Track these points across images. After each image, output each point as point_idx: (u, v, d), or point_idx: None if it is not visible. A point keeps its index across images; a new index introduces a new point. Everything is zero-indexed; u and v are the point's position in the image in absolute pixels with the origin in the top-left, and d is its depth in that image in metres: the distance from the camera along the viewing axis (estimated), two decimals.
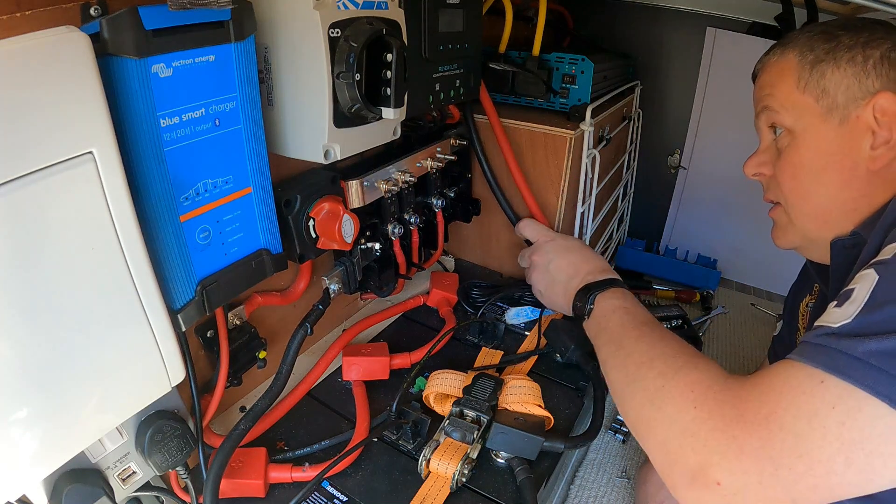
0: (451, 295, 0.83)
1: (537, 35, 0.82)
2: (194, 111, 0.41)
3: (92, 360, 0.38)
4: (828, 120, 0.53)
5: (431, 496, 0.52)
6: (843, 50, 0.53)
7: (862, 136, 0.51)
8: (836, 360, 0.37)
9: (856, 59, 0.52)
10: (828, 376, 0.37)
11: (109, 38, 0.35)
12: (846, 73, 0.52)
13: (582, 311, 0.65)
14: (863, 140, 0.51)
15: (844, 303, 0.40)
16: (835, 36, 0.54)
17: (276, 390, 0.57)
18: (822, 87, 0.53)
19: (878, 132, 0.50)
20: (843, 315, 0.39)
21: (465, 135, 0.81)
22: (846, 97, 0.52)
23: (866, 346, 0.36)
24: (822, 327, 0.40)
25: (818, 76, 0.53)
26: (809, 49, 0.55)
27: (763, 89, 0.59)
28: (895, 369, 0.35)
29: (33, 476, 0.37)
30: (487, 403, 0.59)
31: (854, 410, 0.35)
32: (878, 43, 0.52)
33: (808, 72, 0.54)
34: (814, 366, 0.37)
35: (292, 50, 0.48)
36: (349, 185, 0.62)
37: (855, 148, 0.51)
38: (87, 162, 0.34)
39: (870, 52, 0.52)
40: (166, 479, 0.54)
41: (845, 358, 0.36)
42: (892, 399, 0.34)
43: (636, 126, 1.15)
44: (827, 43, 0.54)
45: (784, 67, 0.57)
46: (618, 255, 1.27)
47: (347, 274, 0.67)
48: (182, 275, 0.44)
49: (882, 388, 0.34)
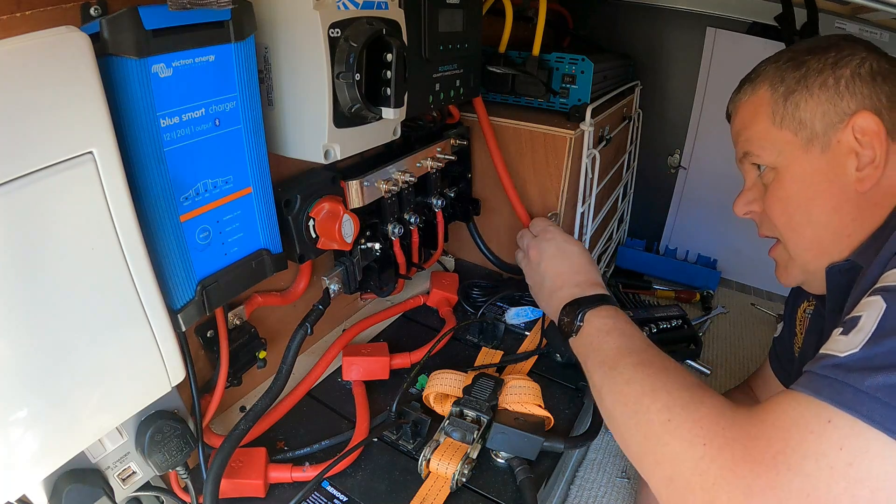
0: (451, 295, 0.83)
1: (537, 35, 0.82)
2: (194, 111, 0.41)
3: (92, 360, 0.38)
4: (809, 150, 0.52)
5: (431, 496, 0.52)
6: (814, 75, 0.52)
7: (846, 160, 0.50)
8: (843, 395, 0.36)
9: (827, 82, 0.51)
10: (836, 413, 0.36)
11: (109, 38, 0.35)
12: (820, 100, 0.51)
13: (570, 328, 0.60)
14: (847, 163, 0.50)
15: (851, 331, 0.39)
16: (802, 62, 0.53)
17: (276, 390, 0.57)
18: (799, 119, 0.52)
19: (862, 152, 0.49)
20: (850, 344, 0.38)
21: (465, 135, 0.81)
22: (824, 124, 0.51)
23: (874, 381, 0.35)
24: (828, 356, 0.39)
25: (793, 108, 0.53)
26: (780, 80, 0.54)
27: (740, 133, 0.59)
28: None
29: (33, 476, 0.37)
30: (487, 403, 0.59)
31: (862, 450, 0.35)
32: (846, 61, 0.51)
33: (782, 105, 0.53)
34: (821, 400, 0.37)
35: (292, 50, 0.48)
36: (349, 185, 0.62)
37: (841, 173, 0.50)
38: (87, 162, 0.34)
39: (840, 72, 0.51)
40: (166, 479, 0.54)
41: (852, 391, 0.36)
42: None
43: (636, 126, 1.15)
44: (796, 71, 0.53)
45: (757, 105, 0.56)
46: (618, 255, 1.27)
47: (347, 274, 0.67)
48: (182, 275, 0.44)
49: (890, 424, 0.34)
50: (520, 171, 0.83)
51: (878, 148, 0.49)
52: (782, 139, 0.54)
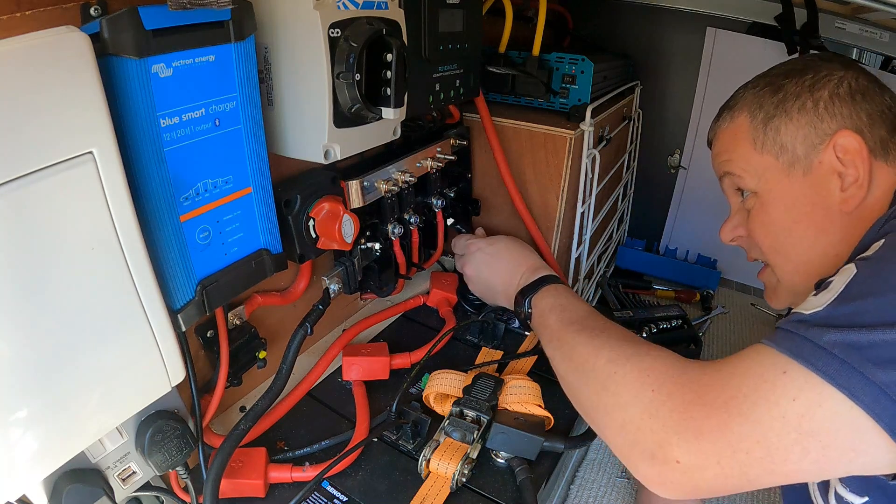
0: (451, 295, 0.83)
1: (537, 35, 0.81)
2: (194, 111, 0.41)
3: (92, 360, 0.38)
4: (791, 174, 0.52)
5: (431, 496, 0.52)
6: (792, 99, 0.52)
7: (829, 181, 0.50)
8: (801, 347, 0.37)
9: (806, 105, 0.51)
10: (791, 365, 0.37)
11: (109, 38, 0.35)
12: (800, 123, 0.51)
13: (526, 318, 0.65)
14: (831, 184, 0.50)
15: (821, 292, 0.40)
16: (780, 86, 0.53)
17: (276, 390, 0.57)
18: (780, 144, 0.52)
19: (845, 172, 0.49)
20: (816, 303, 0.39)
21: (465, 135, 0.81)
22: (805, 147, 0.51)
23: (832, 336, 0.36)
24: (795, 313, 0.40)
25: (773, 133, 0.52)
26: (758, 106, 0.54)
27: (720, 156, 0.59)
28: (857, 362, 0.35)
29: (33, 476, 0.37)
30: (487, 403, 0.59)
31: (814, 403, 0.35)
32: (823, 83, 0.51)
33: (762, 131, 0.53)
34: (779, 350, 0.38)
35: (292, 50, 0.48)
36: (349, 185, 0.62)
37: (824, 194, 0.50)
38: (87, 162, 0.34)
39: (818, 94, 0.51)
40: (166, 479, 0.54)
41: (810, 346, 0.37)
42: (852, 392, 0.34)
43: (636, 126, 1.15)
44: (774, 95, 0.53)
45: (737, 132, 0.56)
46: (618, 255, 1.27)
47: (347, 274, 0.67)
48: (182, 275, 0.44)
49: (843, 380, 0.35)
50: (520, 171, 0.83)
51: (861, 166, 0.48)
52: (764, 164, 0.53)
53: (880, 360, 0.34)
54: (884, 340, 0.34)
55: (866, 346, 0.35)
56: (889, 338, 0.34)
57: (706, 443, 0.38)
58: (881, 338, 0.35)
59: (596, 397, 0.48)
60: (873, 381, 0.34)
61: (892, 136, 0.50)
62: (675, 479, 0.40)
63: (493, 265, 0.74)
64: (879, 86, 0.52)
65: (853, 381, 0.34)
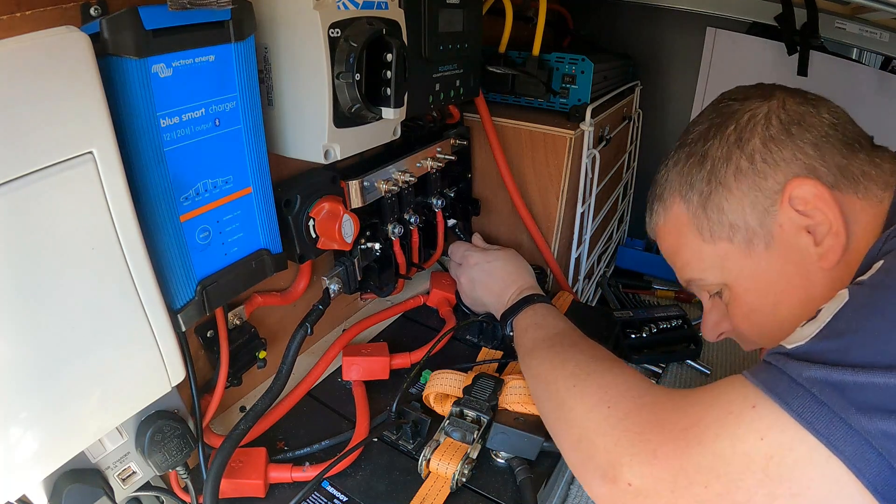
0: (451, 295, 0.83)
1: (537, 35, 0.81)
2: (194, 111, 0.41)
3: (92, 360, 0.38)
4: (753, 252, 0.45)
5: (431, 496, 0.52)
6: (722, 166, 0.45)
7: (798, 241, 0.43)
8: (776, 382, 0.33)
9: (741, 167, 0.44)
10: (762, 399, 0.33)
11: (109, 38, 0.35)
12: (742, 191, 0.44)
13: (509, 339, 0.65)
14: (801, 244, 0.43)
15: (808, 322, 0.36)
16: (704, 154, 0.47)
17: (276, 390, 0.57)
18: (728, 224, 0.46)
19: (813, 225, 0.42)
20: (801, 335, 0.35)
21: (465, 135, 0.81)
22: (757, 216, 0.44)
23: (813, 373, 0.32)
24: (780, 345, 0.36)
25: (716, 214, 0.46)
26: (689, 187, 0.48)
27: (672, 261, 0.53)
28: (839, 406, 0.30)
29: (33, 476, 0.37)
30: (487, 403, 0.59)
31: (785, 446, 0.31)
32: (749, 129, 0.45)
33: (704, 216, 0.47)
34: (753, 382, 0.34)
35: (292, 50, 0.48)
36: (349, 185, 0.62)
37: (797, 259, 0.43)
38: (87, 162, 0.34)
39: (749, 146, 0.44)
40: (166, 479, 0.54)
41: (787, 381, 0.32)
42: (830, 440, 0.30)
43: (636, 126, 1.15)
44: (701, 168, 0.47)
45: (677, 226, 0.50)
46: (618, 255, 1.27)
47: (347, 274, 0.67)
48: (182, 275, 0.44)
49: (821, 426, 0.30)
50: (520, 171, 0.83)
51: (829, 211, 0.41)
52: (719, 253, 0.47)
53: (866, 406, 0.30)
54: (872, 384, 0.30)
55: (852, 387, 0.30)
56: (879, 381, 0.30)
57: (660, 468, 0.35)
58: (869, 380, 0.30)
59: (557, 412, 0.46)
60: (856, 430, 0.29)
61: (850, 158, 0.43)
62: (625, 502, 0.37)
63: (485, 282, 0.73)
64: (812, 103, 0.45)
65: (833, 427, 0.30)
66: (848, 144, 0.44)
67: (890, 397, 0.29)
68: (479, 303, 0.76)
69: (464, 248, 0.80)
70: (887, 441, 0.29)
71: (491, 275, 0.74)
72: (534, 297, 0.66)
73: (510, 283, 0.71)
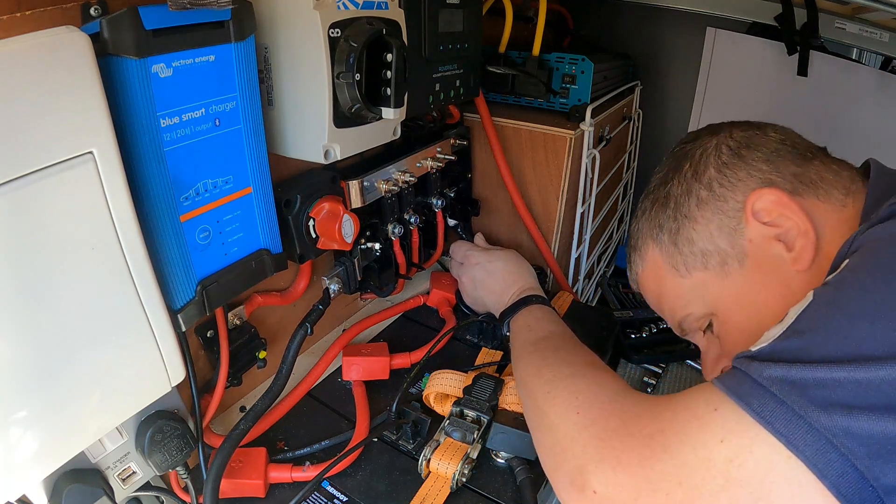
0: (451, 295, 0.83)
1: (537, 35, 0.81)
2: (194, 111, 0.41)
3: (92, 360, 0.38)
4: (729, 273, 0.46)
5: (431, 496, 0.52)
6: (684, 201, 0.48)
7: (770, 251, 0.44)
8: (739, 384, 0.32)
9: (701, 196, 0.46)
10: (724, 402, 0.32)
11: (109, 38, 0.35)
12: (707, 217, 0.46)
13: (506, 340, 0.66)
14: (773, 253, 0.43)
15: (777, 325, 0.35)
16: (667, 196, 0.49)
17: (276, 390, 0.57)
18: (700, 252, 0.47)
19: (782, 231, 0.43)
20: (767, 337, 0.34)
21: (465, 135, 0.81)
22: (725, 236, 0.45)
23: (772, 372, 0.31)
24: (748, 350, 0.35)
25: (687, 246, 0.47)
26: (658, 229, 0.50)
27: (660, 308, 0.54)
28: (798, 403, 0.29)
29: (33, 476, 0.37)
30: (487, 403, 0.59)
31: (744, 448, 0.31)
32: (703, 163, 0.47)
33: (677, 252, 0.48)
34: (719, 388, 0.34)
35: (292, 50, 0.48)
36: (349, 185, 0.62)
37: (773, 268, 0.43)
38: (87, 162, 0.34)
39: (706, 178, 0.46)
40: (166, 479, 0.54)
41: (749, 382, 0.32)
42: (790, 440, 0.29)
43: (636, 126, 1.15)
44: (665, 209, 0.49)
45: (654, 270, 0.52)
46: (618, 255, 1.27)
47: (347, 274, 0.67)
48: (182, 275, 0.44)
49: (780, 424, 0.30)
50: (520, 171, 0.83)
51: (795, 214, 0.42)
52: (696, 283, 0.48)
53: (826, 403, 0.29)
54: (832, 379, 0.29)
55: (811, 384, 0.30)
56: (839, 376, 0.29)
57: (624, 475, 0.35)
58: (829, 375, 0.29)
59: (535, 418, 0.47)
60: (816, 428, 0.29)
61: (804, 166, 0.44)
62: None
63: (486, 282, 0.74)
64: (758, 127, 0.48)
65: (792, 426, 0.29)
66: (800, 155, 0.45)
67: (849, 392, 0.28)
68: (479, 302, 0.76)
69: (466, 248, 0.80)
70: (849, 439, 0.28)
71: (492, 274, 0.74)
72: (532, 298, 0.67)
73: (511, 284, 0.71)
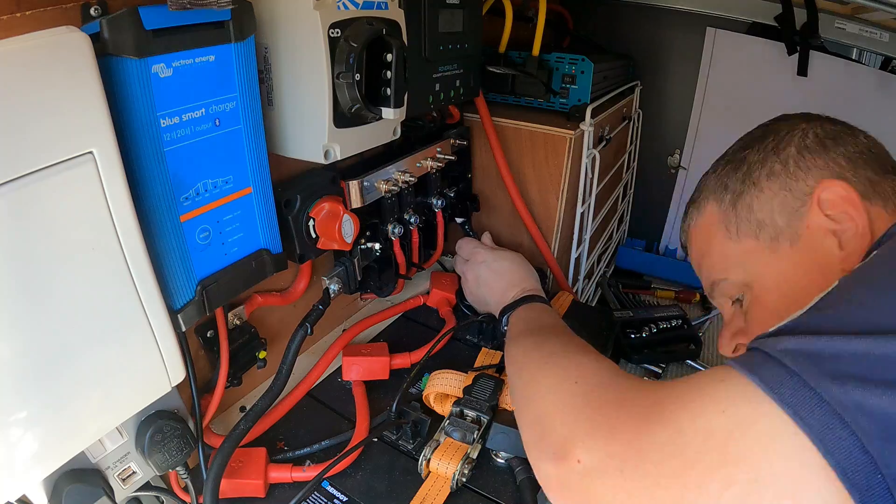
0: (451, 295, 0.83)
1: (537, 35, 0.82)
2: (194, 111, 0.41)
3: (92, 361, 0.38)
4: (777, 250, 0.45)
5: (431, 496, 0.52)
6: (757, 168, 0.47)
7: (823, 243, 0.43)
8: (750, 357, 0.30)
9: (774, 169, 0.46)
10: (730, 374, 0.30)
11: (109, 38, 0.35)
12: (773, 191, 0.45)
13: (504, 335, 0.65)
14: (826, 246, 0.42)
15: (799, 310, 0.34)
16: (741, 160, 0.49)
17: (276, 390, 0.57)
18: (756, 221, 0.46)
19: (840, 228, 0.42)
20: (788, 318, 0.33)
21: (465, 135, 0.81)
22: (786, 215, 0.45)
23: (785, 344, 0.29)
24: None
25: (746, 212, 0.47)
26: (723, 189, 0.50)
27: (700, 263, 0.54)
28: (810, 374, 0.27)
29: (33, 476, 0.37)
30: (487, 403, 0.59)
31: (747, 419, 0.28)
32: (787, 140, 0.47)
33: (734, 214, 0.48)
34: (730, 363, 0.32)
35: (292, 50, 0.48)
36: (349, 185, 0.62)
37: (820, 260, 0.43)
38: (87, 162, 0.34)
39: (784, 153, 0.46)
40: (166, 479, 0.54)
41: (761, 356, 0.30)
42: (796, 410, 0.26)
43: (636, 126, 1.15)
44: (737, 171, 0.49)
45: (707, 226, 0.51)
46: (618, 255, 1.27)
47: (347, 274, 0.67)
48: (182, 275, 0.44)
49: (787, 394, 0.27)
50: (520, 171, 0.83)
51: (857, 215, 0.41)
52: (744, 250, 0.47)
53: (841, 374, 0.26)
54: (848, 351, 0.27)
55: (828, 356, 0.27)
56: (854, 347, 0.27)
57: (614, 444, 0.32)
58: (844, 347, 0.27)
59: (524, 389, 0.45)
60: (824, 399, 0.26)
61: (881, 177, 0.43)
62: (571, 483, 0.34)
63: (491, 281, 0.74)
64: (850, 129, 0.47)
65: (800, 396, 0.26)
66: (881, 165, 0.44)
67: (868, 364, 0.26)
68: (481, 300, 0.75)
69: (472, 245, 0.80)
70: (862, 415, 0.25)
71: (497, 273, 0.74)
72: (533, 297, 0.67)
73: (515, 284, 0.71)
